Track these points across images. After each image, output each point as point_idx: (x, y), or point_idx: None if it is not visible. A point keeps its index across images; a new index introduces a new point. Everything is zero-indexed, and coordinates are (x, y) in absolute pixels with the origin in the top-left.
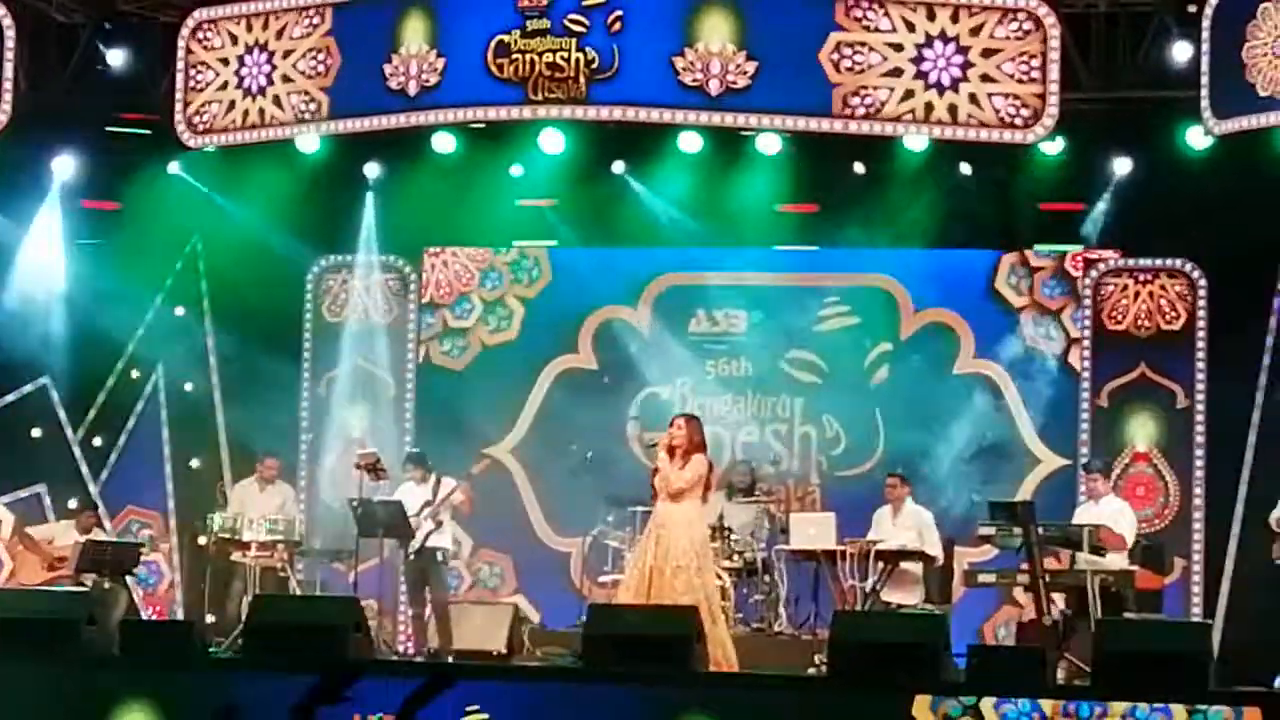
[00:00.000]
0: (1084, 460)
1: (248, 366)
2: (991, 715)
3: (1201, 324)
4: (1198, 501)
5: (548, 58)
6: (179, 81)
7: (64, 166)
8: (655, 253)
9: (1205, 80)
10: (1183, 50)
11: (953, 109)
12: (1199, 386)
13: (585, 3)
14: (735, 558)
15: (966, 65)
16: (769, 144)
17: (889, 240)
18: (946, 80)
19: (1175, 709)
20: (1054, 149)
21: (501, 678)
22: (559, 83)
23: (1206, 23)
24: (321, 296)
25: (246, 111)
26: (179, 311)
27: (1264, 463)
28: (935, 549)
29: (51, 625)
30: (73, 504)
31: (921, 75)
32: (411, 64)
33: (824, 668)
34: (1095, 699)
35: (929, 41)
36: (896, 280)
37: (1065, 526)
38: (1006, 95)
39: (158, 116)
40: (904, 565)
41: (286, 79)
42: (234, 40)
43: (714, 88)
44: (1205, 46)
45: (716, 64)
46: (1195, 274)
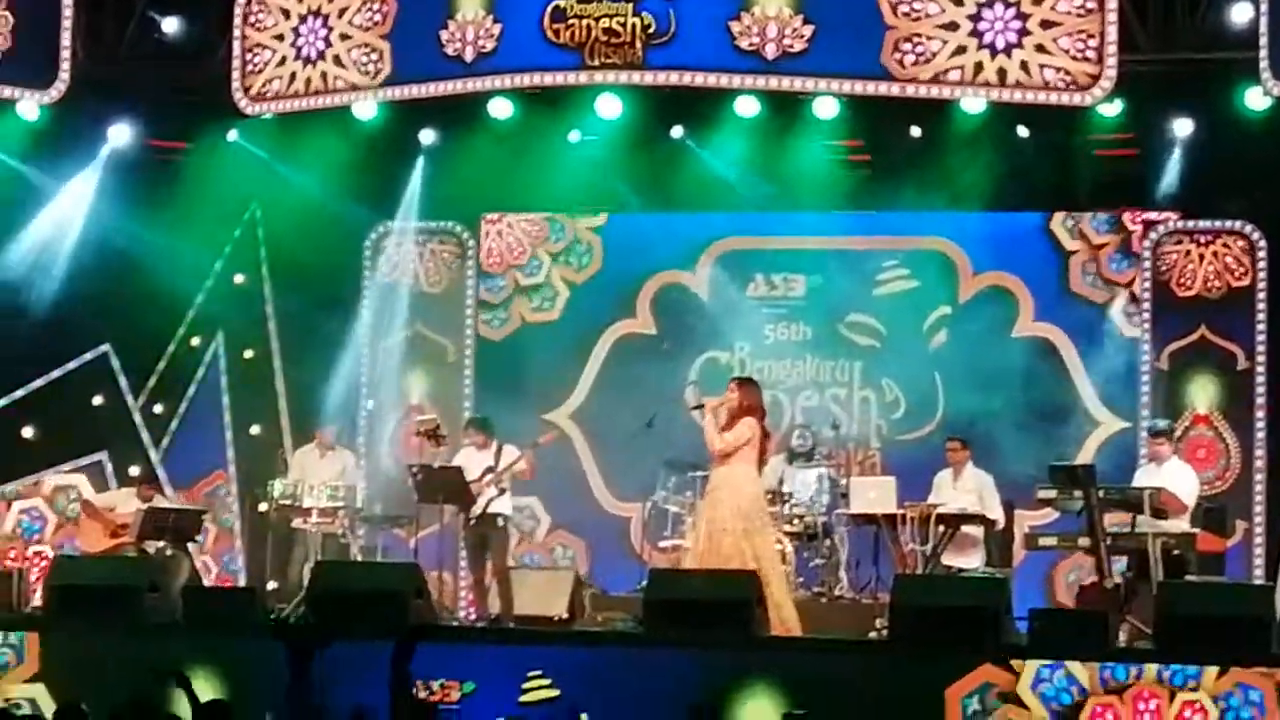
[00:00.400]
0: (1145, 423)
1: (307, 332)
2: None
3: (1262, 285)
4: (1259, 464)
5: (604, 23)
6: (235, 49)
7: (121, 135)
8: (713, 217)
9: (1264, 41)
10: (1241, 11)
11: (1002, 72)
12: (1259, 348)
13: None
14: (795, 522)
15: (1024, 33)
16: (826, 108)
17: (946, 203)
18: (1001, 44)
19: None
20: (1112, 110)
21: (562, 643)
22: (615, 48)
23: None
24: (380, 262)
25: (309, 79)
26: (239, 279)
27: None
28: (996, 512)
29: (114, 592)
30: (134, 471)
31: (976, 34)
32: (468, 30)
33: (884, 631)
34: (1159, 661)
35: (990, 2)
36: (955, 243)
37: (1125, 489)
38: (1057, 69)
39: (215, 84)
40: (964, 529)
41: (344, 37)
42: (286, 15)
43: (770, 51)
44: (1264, 6)
45: (773, 27)
46: (1255, 235)
